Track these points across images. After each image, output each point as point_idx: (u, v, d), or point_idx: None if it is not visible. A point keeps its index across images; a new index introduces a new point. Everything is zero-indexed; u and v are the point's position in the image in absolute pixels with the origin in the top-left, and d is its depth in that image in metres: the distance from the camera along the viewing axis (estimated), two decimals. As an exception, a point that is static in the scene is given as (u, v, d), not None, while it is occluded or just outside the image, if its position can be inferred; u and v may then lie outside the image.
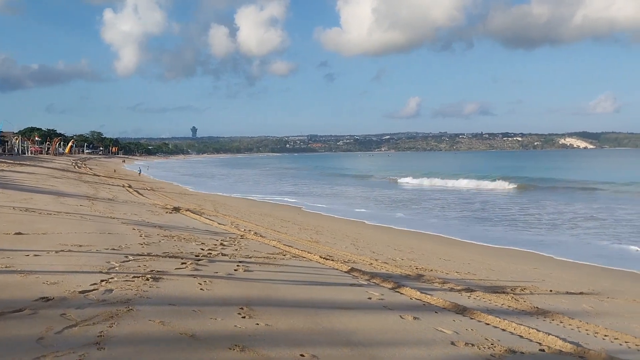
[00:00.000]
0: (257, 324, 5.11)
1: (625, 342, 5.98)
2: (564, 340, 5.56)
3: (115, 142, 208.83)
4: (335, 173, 79.83)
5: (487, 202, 32.86)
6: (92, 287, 5.85)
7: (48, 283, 5.91)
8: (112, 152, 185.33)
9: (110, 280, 6.29)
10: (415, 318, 6.02)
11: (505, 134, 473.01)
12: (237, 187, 46.89)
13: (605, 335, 6.18)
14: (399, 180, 55.95)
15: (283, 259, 9.52)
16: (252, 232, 13.66)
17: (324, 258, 9.97)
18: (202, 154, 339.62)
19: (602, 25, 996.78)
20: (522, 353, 5.11)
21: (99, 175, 47.26)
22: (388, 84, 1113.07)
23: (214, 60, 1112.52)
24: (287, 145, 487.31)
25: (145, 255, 8.30)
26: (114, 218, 13.78)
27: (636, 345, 5.89)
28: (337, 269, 8.99)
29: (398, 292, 7.49)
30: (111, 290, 5.79)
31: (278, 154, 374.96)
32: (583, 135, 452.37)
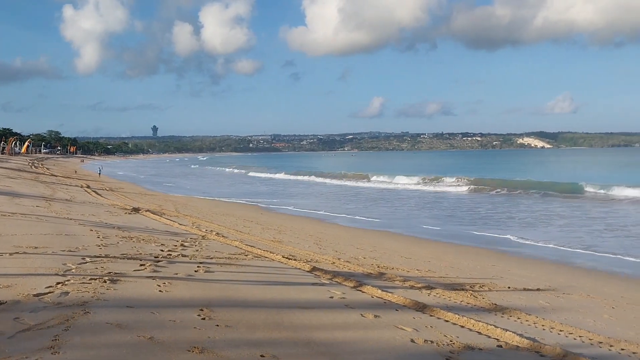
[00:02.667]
0: (217, 325, 5.07)
1: (580, 336, 6.16)
2: (521, 336, 5.69)
3: (74, 141, 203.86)
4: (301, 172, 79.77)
5: (447, 201, 33.37)
6: (47, 290, 5.71)
7: (1, 286, 5.73)
8: (70, 152, 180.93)
9: (66, 282, 6.14)
10: (376, 316, 6.07)
11: (465, 134, 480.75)
12: (201, 188, 46.39)
13: (561, 330, 6.36)
14: (371, 178, 56.17)
15: (245, 259, 9.46)
16: (214, 233, 13.54)
17: (286, 258, 9.95)
18: (164, 153, 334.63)
19: (561, 27, 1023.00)
20: (480, 349, 5.21)
21: (56, 176, 46.10)
22: (353, 84, 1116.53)
23: (177, 58, 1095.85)
24: (251, 145, 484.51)
25: (102, 256, 8.14)
26: (71, 219, 13.46)
27: (589, 339, 6.07)
28: (299, 269, 8.99)
29: (360, 290, 7.53)
30: (67, 293, 5.66)
31: (241, 154, 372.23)
32: (541, 135, 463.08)
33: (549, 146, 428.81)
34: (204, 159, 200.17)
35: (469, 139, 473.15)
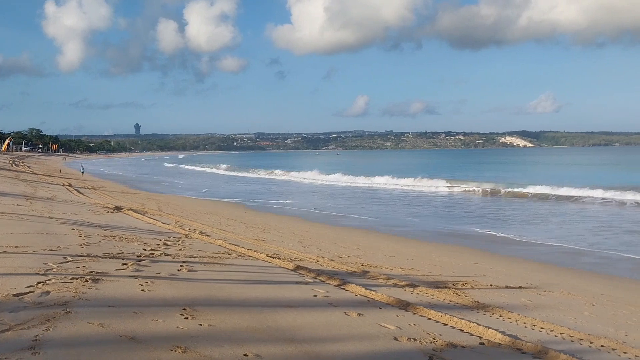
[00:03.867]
0: (200, 324, 5.05)
1: (560, 333, 6.22)
2: (503, 333, 5.74)
3: (55, 139, 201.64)
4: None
5: (432, 201, 33.59)
6: (27, 290, 5.64)
7: (-20, 286, 5.66)
8: (51, 150, 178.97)
9: (47, 282, 6.08)
10: (359, 314, 6.08)
11: (449, 133, 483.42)
12: (188, 186, 46.15)
13: (542, 328, 6.42)
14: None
15: (229, 258, 9.43)
16: (197, 232, 13.48)
17: (270, 256, 9.94)
18: (146, 151, 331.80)
19: (545, 27, 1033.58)
20: (463, 347, 5.24)
21: (37, 174, 45.55)
22: (338, 83, 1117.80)
23: (161, 56, 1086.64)
24: (235, 143, 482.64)
25: (84, 256, 8.06)
26: (52, 218, 13.31)
27: (570, 336, 6.14)
28: (283, 267, 8.98)
29: (343, 289, 7.54)
30: (48, 293, 5.59)
31: (225, 152, 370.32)
32: (523, 134, 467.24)
33: (530, 145, 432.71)
34: (182, 157, 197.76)
35: (452, 138, 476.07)
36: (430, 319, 6.23)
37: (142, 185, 43.83)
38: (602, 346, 5.85)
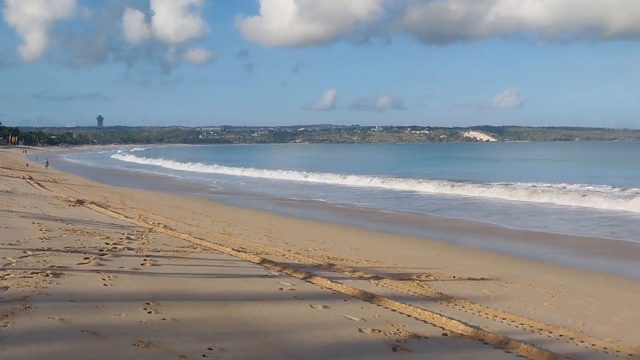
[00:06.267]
0: (164, 318, 5.00)
1: (521, 324, 6.37)
2: (466, 324, 5.84)
3: (15, 131, 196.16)
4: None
5: (397, 194, 33.96)
6: (-16, 285, 5.50)
7: None
8: (11, 142, 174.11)
9: (5, 277, 5.94)
10: (325, 307, 6.12)
11: (414, 127, 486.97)
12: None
13: (504, 319, 6.56)
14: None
15: (193, 252, 9.35)
16: (162, 225, 13.31)
17: (236, 250, 9.89)
18: (109, 144, 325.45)
19: (512, 23, 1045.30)
20: (426, 338, 5.32)
21: (-5, 167, 44.32)
22: (307, 76, 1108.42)
23: (127, 46, 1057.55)
24: (200, 136, 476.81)
25: (45, 250, 7.90)
26: (12, 212, 12.97)
27: (531, 326, 6.29)
28: (249, 261, 8.95)
29: (309, 282, 7.57)
30: (6, 288, 5.46)
31: (189, 145, 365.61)
32: (486, 129, 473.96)
33: (493, 140, 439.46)
34: (142, 149, 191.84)
35: (418, 132, 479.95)
36: (394, 310, 6.31)
37: (106, 178, 43.07)
38: (560, 335, 6.01)
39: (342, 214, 23.23)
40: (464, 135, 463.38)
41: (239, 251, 9.85)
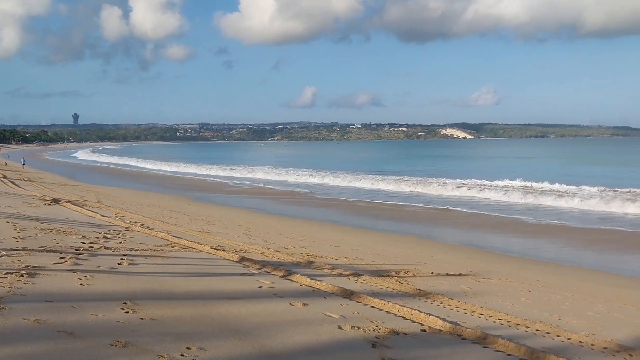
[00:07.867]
0: (142, 318, 4.94)
1: (498, 319, 6.44)
2: (444, 320, 5.88)
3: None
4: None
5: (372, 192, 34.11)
6: (-44, 287, 5.38)
7: None
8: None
9: (-22, 278, 5.81)
10: (304, 304, 6.11)
11: (392, 125, 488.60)
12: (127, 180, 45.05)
13: (481, 314, 6.63)
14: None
15: (171, 251, 9.27)
16: (139, 224, 13.18)
17: (214, 249, 9.83)
18: (85, 142, 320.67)
19: (489, 21, 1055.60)
20: (405, 334, 5.35)
21: (-33, 166, 43.45)
22: (286, 74, 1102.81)
23: (104, 43, 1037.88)
24: (178, 134, 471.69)
25: (20, 250, 7.76)
26: (-16, 211, 12.73)
27: (508, 321, 6.37)
28: (228, 259, 8.91)
29: (289, 279, 7.55)
30: (-21, 289, 5.35)
31: (167, 143, 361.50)
32: (463, 126, 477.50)
33: (470, 137, 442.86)
34: (118, 148, 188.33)
35: (396, 129, 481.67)
36: (373, 307, 6.33)
37: (81, 176, 42.50)
38: (537, 330, 6.09)
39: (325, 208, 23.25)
40: (441, 133, 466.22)
41: (218, 249, 9.80)
